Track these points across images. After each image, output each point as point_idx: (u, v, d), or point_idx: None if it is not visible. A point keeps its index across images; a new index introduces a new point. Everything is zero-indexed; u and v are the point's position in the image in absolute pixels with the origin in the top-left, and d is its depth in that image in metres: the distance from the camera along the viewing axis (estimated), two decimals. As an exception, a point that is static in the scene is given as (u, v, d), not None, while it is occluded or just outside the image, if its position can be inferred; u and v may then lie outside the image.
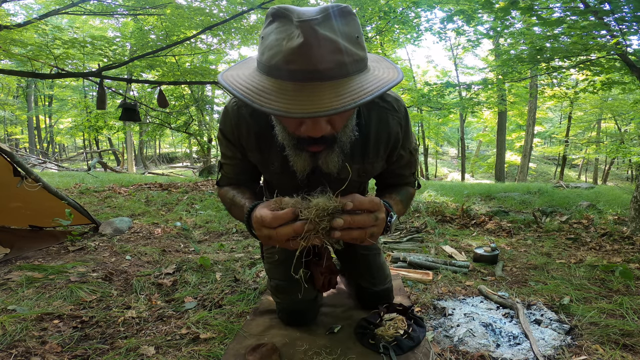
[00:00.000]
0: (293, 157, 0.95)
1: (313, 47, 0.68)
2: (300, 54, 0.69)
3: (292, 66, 0.70)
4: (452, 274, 2.04)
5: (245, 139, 1.06)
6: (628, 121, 13.86)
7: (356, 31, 0.76)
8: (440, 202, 4.38)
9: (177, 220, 3.24)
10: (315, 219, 0.76)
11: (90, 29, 12.36)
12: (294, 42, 0.69)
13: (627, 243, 2.68)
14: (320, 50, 0.69)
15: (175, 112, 11.22)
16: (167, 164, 21.10)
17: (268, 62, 0.74)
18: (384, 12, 6.60)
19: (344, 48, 0.72)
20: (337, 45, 0.71)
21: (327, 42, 0.70)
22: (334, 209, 0.77)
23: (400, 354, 1.19)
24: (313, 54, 0.69)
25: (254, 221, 0.85)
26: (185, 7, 5.33)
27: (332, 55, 0.70)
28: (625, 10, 2.96)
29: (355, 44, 0.75)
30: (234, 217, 1.11)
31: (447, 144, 26.42)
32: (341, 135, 0.91)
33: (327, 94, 0.70)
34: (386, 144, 1.07)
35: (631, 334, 1.35)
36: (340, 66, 0.72)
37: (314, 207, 0.77)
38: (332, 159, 0.94)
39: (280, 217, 0.78)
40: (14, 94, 17.34)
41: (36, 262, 2.04)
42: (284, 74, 0.72)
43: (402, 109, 1.06)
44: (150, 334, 1.36)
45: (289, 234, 0.78)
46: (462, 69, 15.91)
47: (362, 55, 0.77)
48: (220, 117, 1.11)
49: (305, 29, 0.68)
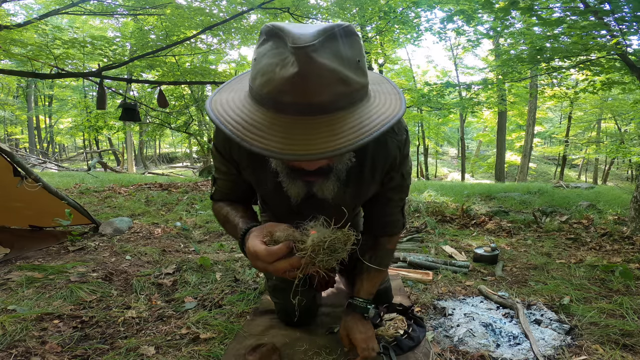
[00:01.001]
0: (287, 184, 0.93)
1: (308, 78, 0.62)
2: (293, 84, 0.62)
3: (285, 98, 0.64)
4: (452, 274, 2.04)
5: (238, 156, 1.02)
6: (628, 121, 13.86)
7: (358, 54, 0.69)
8: (440, 202, 4.37)
9: (177, 220, 3.24)
10: (312, 254, 0.77)
11: (90, 29, 12.36)
12: (287, 71, 0.62)
13: (627, 243, 2.68)
14: (316, 81, 0.62)
15: (175, 112, 11.21)
16: (167, 164, 21.10)
17: (260, 90, 0.67)
18: (384, 12, 6.60)
19: (344, 78, 0.65)
20: (335, 75, 0.64)
21: (324, 72, 0.62)
22: (331, 242, 0.77)
23: (400, 354, 1.19)
24: (308, 86, 0.63)
25: (248, 253, 0.85)
26: (185, 7, 5.33)
27: (329, 87, 0.64)
28: (625, 10, 2.96)
29: (356, 70, 0.68)
30: (227, 233, 1.11)
31: (447, 144, 26.41)
32: (337, 163, 0.90)
33: (323, 132, 0.64)
34: (382, 167, 1.03)
35: (631, 334, 1.35)
36: (338, 99, 0.66)
37: (309, 244, 0.77)
38: (328, 187, 0.93)
39: (275, 253, 0.79)
40: (14, 94, 17.33)
41: (36, 262, 2.04)
42: (277, 105, 0.66)
43: (402, 132, 1.02)
44: (150, 334, 1.36)
45: (285, 268, 0.79)
46: (462, 69, 15.90)
47: (362, 83, 0.70)
48: (214, 131, 1.09)
49: (300, 57, 0.61)
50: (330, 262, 0.78)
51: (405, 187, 1.14)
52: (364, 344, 1.13)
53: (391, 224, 1.19)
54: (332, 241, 0.77)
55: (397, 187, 1.12)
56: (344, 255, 0.79)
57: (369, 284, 1.20)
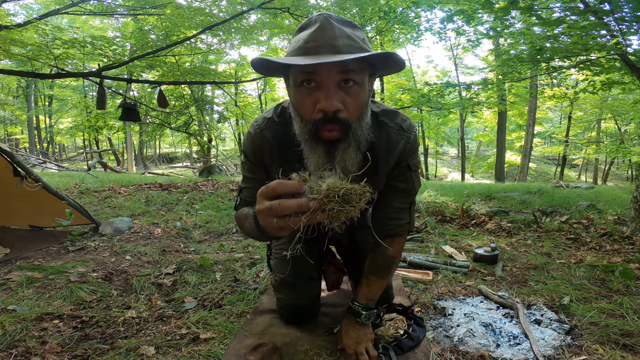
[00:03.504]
0: (308, 153, 0.94)
1: (327, 29, 0.85)
2: (316, 33, 0.85)
3: (312, 44, 0.85)
4: (452, 274, 2.04)
5: (268, 158, 1.10)
6: (628, 121, 13.86)
7: (362, 36, 0.91)
8: (440, 202, 4.38)
9: (177, 220, 3.24)
10: (324, 198, 0.72)
11: (90, 29, 12.35)
12: (312, 27, 0.86)
13: (627, 243, 2.68)
14: (334, 32, 0.85)
15: (175, 112, 11.21)
16: (167, 164, 21.08)
17: (292, 48, 0.90)
18: (384, 12, 6.59)
19: (353, 37, 0.87)
20: (347, 34, 0.86)
21: (339, 30, 0.85)
22: (346, 190, 0.73)
23: (400, 354, 1.19)
24: (328, 34, 0.85)
25: (258, 194, 0.78)
26: (185, 7, 5.32)
27: (343, 39, 0.85)
28: (625, 10, 2.96)
29: (362, 41, 0.89)
30: (245, 233, 1.07)
31: (447, 144, 26.40)
32: (356, 127, 0.91)
33: (340, 57, 0.82)
34: (392, 160, 1.09)
35: (631, 334, 1.35)
36: (350, 47, 0.85)
37: (324, 187, 0.72)
38: (350, 155, 0.92)
39: (286, 184, 0.75)
40: (14, 94, 17.33)
41: (36, 262, 2.04)
42: (306, 51, 0.86)
43: (412, 131, 1.10)
44: (150, 334, 1.36)
45: (292, 207, 0.73)
46: (462, 69, 15.89)
47: (368, 49, 0.89)
48: (243, 141, 1.16)
49: (322, 18, 0.86)
50: (340, 214, 0.73)
51: (412, 178, 1.14)
52: (350, 349, 1.15)
53: (395, 222, 1.18)
54: (347, 190, 0.73)
55: (404, 176, 1.14)
56: (355, 211, 0.74)
57: (367, 289, 1.21)
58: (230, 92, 13.45)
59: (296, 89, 0.89)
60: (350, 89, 0.87)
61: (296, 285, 1.33)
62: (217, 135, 15.20)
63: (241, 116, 13.94)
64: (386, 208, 1.17)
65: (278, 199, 0.74)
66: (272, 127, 1.08)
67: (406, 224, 1.19)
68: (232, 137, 20.02)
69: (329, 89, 0.85)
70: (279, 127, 1.07)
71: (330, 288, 1.46)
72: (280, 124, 1.07)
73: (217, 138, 15.67)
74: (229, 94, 12.91)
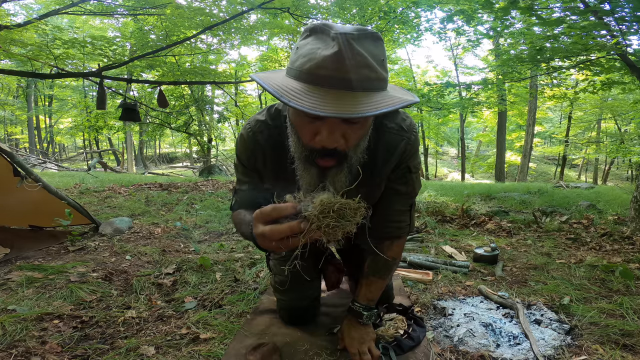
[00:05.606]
0: (301, 172, 0.93)
1: (346, 57, 0.74)
2: (332, 61, 0.74)
3: (323, 72, 0.75)
4: (452, 274, 2.04)
5: (261, 164, 1.08)
6: (628, 121, 13.85)
7: (382, 54, 0.82)
8: (440, 202, 4.38)
9: (177, 220, 3.24)
10: (319, 215, 0.72)
11: (90, 29, 12.35)
12: (329, 50, 0.74)
13: (627, 243, 2.68)
14: (351, 60, 0.74)
15: (175, 112, 11.22)
16: (167, 164, 21.09)
17: (300, 67, 0.78)
18: (384, 12, 6.59)
19: (371, 65, 0.77)
20: (367, 61, 0.76)
21: (358, 56, 0.75)
22: (341, 205, 0.73)
23: (401, 354, 1.19)
24: (344, 64, 0.74)
25: (254, 217, 0.82)
26: (185, 7, 5.32)
27: (361, 69, 0.75)
28: (626, 10, 2.96)
29: (380, 65, 0.80)
30: (243, 237, 1.08)
31: (447, 144, 26.37)
32: (352, 154, 0.91)
33: (352, 101, 0.74)
34: (392, 163, 1.08)
35: (631, 334, 1.35)
36: (366, 80, 0.76)
37: (318, 203, 0.73)
38: (340, 179, 0.92)
39: (281, 209, 0.76)
40: (14, 94, 17.31)
41: (36, 262, 2.04)
42: (314, 79, 0.76)
43: (412, 131, 1.08)
44: (150, 334, 1.36)
45: (284, 232, 0.75)
46: (462, 69, 15.85)
47: (385, 76, 0.82)
48: (236, 143, 1.13)
49: (341, 41, 0.74)
50: (336, 229, 0.73)
51: (412, 180, 1.14)
52: (353, 348, 1.15)
53: (396, 224, 1.17)
54: (342, 205, 0.73)
55: (404, 178, 1.12)
56: (351, 226, 0.75)
57: (367, 290, 1.21)
58: (230, 92, 13.46)
59: (296, 111, 0.85)
60: (355, 124, 0.84)
61: (294, 286, 1.32)
62: (217, 135, 15.19)
63: (241, 116, 13.93)
64: (386, 210, 1.16)
65: (272, 224, 0.77)
66: (265, 130, 1.04)
67: (406, 226, 1.19)
68: (232, 137, 20.00)
69: (332, 126, 0.81)
70: (272, 131, 1.04)
71: (330, 288, 1.46)
72: (274, 127, 1.04)
73: (217, 138, 15.66)
74: (229, 94, 12.91)
